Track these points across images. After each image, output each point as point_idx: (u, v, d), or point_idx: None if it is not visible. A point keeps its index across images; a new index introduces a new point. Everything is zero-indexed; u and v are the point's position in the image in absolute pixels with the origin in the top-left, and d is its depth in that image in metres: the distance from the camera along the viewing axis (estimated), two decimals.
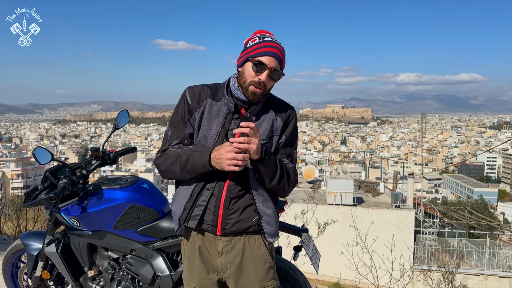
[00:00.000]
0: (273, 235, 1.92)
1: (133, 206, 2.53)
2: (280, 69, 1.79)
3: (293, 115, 1.95)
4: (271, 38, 1.80)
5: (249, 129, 1.64)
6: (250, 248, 1.90)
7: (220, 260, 1.90)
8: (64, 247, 2.72)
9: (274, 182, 1.81)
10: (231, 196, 1.83)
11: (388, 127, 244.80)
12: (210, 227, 1.86)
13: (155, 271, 2.57)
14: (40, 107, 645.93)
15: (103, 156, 2.77)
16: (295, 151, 1.97)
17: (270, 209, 1.89)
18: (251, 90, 1.77)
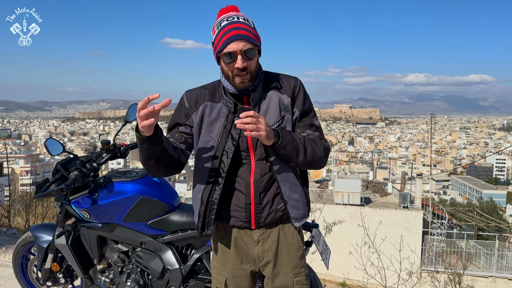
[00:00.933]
0: (299, 218, 1.86)
1: (144, 199, 2.53)
2: (253, 44, 1.67)
3: (298, 85, 1.85)
4: (227, 19, 1.69)
5: (250, 118, 1.57)
6: (285, 236, 1.89)
7: (256, 249, 1.88)
8: (74, 240, 2.72)
9: (300, 158, 1.74)
10: (260, 190, 1.80)
11: (396, 128, 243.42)
12: (244, 223, 1.84)
13: (164, 264, 2.56)
14: (49, 105, 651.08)
15: (114, 149, 2.77)
16: (315, 118, 1.87)
17: (298, 193, 1.84)
18: (237, 81, 1.70)
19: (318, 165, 1.83)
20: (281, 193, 1.81)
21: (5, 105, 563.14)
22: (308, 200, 1.94)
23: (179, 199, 2.71)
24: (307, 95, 1.87)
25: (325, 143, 1.86)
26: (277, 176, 1.78)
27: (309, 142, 1.78)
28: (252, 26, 1.71)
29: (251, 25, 1.71)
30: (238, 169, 1.81)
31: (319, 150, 1.80)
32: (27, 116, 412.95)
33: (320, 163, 1.83)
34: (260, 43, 1.75)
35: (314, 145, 1.79)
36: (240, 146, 1.80)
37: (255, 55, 1.70)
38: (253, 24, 1.73)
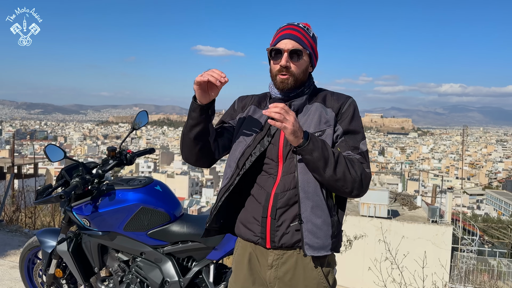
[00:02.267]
0: (315, 248, 1.63)
1: (144, 208, 2.48)
2: (303, 47, 1.67)
3: (349, 103, 1.73)
4: (289, 23, 1.72)
5: (279, 108, 1.52)
6: (303, 267, 1.69)
7: (269, 273, 1.73)
8: (75, 247, 2.70)
9: (328, 172, 1.56)
10: (278, 205, 1.67)
11: (429, 139, 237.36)
12: (260, 239, 1.71)
13: (164, 276, 2.50)
14: (84, 108, 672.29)
15: (120, 156, 2.74)
16: (363, 142, 1.70)
17: (320, 219, 1.63)
18: (279, 80, 1.69)
19: (349, 188, 1.61)
20: (300, 211, 1.63)
21: (43, 107, 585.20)
22: (336, 232, 1.68)
23: (181, 209, 2.65)
24: (357, 115, 1.73)
25: (366, 169, 1.65)
26: (300, 192, 1.63)
27: (344, 159, 1.62)
28: (310, 34, 1.71)
29: (309, 33, 1.71)
30: (263, 178, 1.73)
31: (354, 172, 1.60)
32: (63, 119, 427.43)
33: (352, 187, 1.61)
34: (312, 51, 1.73)
35: (350, 164, 1.62)
36: (269, 154, 1.72)
37: (302, 58, 1.68)
38: (313, 35, 1.74)
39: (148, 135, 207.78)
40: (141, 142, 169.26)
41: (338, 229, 1.72)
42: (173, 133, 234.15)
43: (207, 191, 59.29)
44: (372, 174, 1.70)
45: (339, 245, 1.74)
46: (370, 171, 1.68)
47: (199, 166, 1.87)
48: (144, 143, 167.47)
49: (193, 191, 65.72)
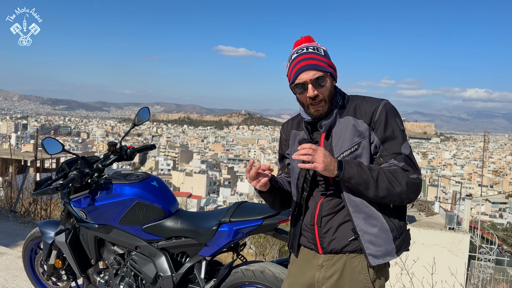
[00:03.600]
0: (380, 256, 1.67)
1: (139, 202, 2.51)
2: (323, 71, 1.69)
3: (380, 109, 1.69)
4: (297, 51, 1.73)
5: (306, 150, 1.56)
6: (351, 269, 1.72)
7: (318, 273, 1.78)
8: (73, 238, 2.76)
9: (371, 193, 1.60)
10: (323, 214, 1.74)
11: (452, 144, 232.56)
12: (312, 245, 1.80)
13: (157, 270, 2.53)
14: (107, 105, 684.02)
15: (121, 151, 2.79)
16: (404, 146, 1.67)
17: (376, 227, 1.66)
18: (312, 110, 1.72)
19: (398, 200, 1.63)
20: (353, 225, 1.68)
21: (67, 104, 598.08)
22: (397, 235, 1.70)
23: (177, 205, 2.67)
24: (391, 119, 1.69)
25: (410, 175, 1.63)
26: (349, 206, 1.68)
27: (385, 175, 1.61)
28: (322, 54, 1.72)
29: (322, 53, 1.72)
30: (317, 191, 1.80)
31: (398, 185, 1.60)
32: (87, 115, 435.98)
33: (400, 199, 1.63)
34: (332, 68, 1.74)
35: (392, 178, 1.61)
36: (318, 173, 1.77)
37: (326, 81, 1.70)
38: (324, 51, 1.74)
39: (169, 133, 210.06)
40: (162, 140, 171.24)
41: (401, 231, 1.72)
42: (193, 132, 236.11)
43: (224, 191, 59.57)
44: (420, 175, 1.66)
45: (406, 244, 1.75)
46: (417, 175, 1.65)
47: None
48: (165, 141, 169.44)
49: (210, 190, 66.09)
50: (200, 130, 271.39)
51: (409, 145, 1.69)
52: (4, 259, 4.09)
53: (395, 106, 1.74)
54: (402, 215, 1.75)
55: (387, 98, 1.76)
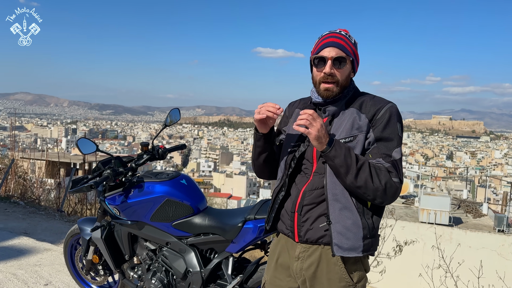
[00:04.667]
0: (345, 249, 1.67)
1: (169, 200, 2.59)
2: (346, 54, 1.71)
3: (385, 109, 1.70)
4: (331, 31, 1.76)
5: (307, 115, 1.60)
6: (327, 261, 1.74)
7: (296, 264, 1.81)
8: (108, 234, 2.88)
9: (349, 178, 1.60)
10: (304, 202, 1.75)
11: (503, 143, 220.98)
12: (289, 232, 1.82)
13: (187, 266, 2.60)
14: (151, 110, 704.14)
15: (153, 151, 2.89)
16: (395, 150, 1.67)
17: (350, 220, 1.67)
18: (322, 88, 1.73)
19: (371, 196, 1.63)
20: (328, 212, 1.69)
21: (114, 108, 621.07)
22: (370, 234, 1.70)
23: (205, 203, 2.73)
24: (393, 122, 1.70)
25: (393, 178, 1.63)
26: (328, 193, 1.69)
27: (369, 167, 1.63)
28: (352, 41, 1.75)
29: (352, 40, 1.75)
30: (300, 177, 1.83)
31: (378, 181, 1.61)
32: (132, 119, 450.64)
33: (374, 195, 1.62)
34: (355, 57, 1.77)
35: (374, 173, 1.62)
36: (307, 155, 1.81)
37: (345, 64, 1.72)
38: (355, 41, 1.77)
39: (209, 135, 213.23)
40: (203, 143, 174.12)
41: (372, 232, 1.72)
42: (233, 134, 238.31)
43: (264, 192, 59.62)
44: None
45: (374, 248, 1.74)
46: (398, 180, 1.65)
47: (272, 179, 2.01)
48: (206, 143, 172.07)
49: (250, 191, 66.43)
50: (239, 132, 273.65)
51: (401, 151, 1.70)
52: (49, 255, 4.33)
53: (400, 112, 1.76)
54: (377, 218, 1.75)
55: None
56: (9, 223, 5.64)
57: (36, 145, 61.50)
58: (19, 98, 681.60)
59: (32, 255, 4.28)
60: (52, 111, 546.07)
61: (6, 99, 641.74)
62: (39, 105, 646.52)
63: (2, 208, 6.48)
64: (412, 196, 21.38)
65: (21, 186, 9.38)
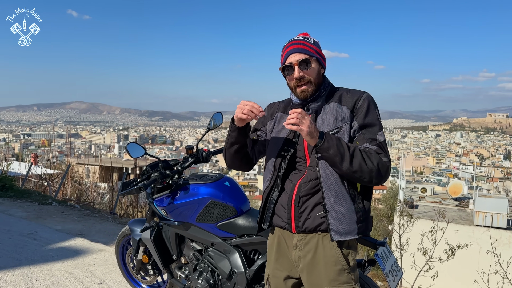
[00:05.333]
0: (342, 233, 1.83)
1: (213, 201, 2.65)
2: (308, 54, 1.85)
3: (363, 98, 1.87)
4: (290, 40, 1.92)
5: (296, 114, 1.70)
6: (323, 246, 1.88)
7: (294, 253, 1.94)
8: (157, 235, 2.99)
9: (345, 165, 1.74)
10: (301, 194, 1.87)
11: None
12: (286, 224, 1.93)
13: (232, 266, 2.64)
14: (197, 115, 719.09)
15: (197, 154, 2.97)
16: (380, 134, 1.85)
17: (344, 207, 1.82)
18: (299, 91, 1.89)
19: (367, 178, 1.78)
20: (324, 201, 1.83)
21: (162, 115, 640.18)
22: (362, 218, 1.87)
23: (248, 204, 2.77)
24: (372, 109, 1.87)
25: (382, 158, 1.80)
26: (322, 184, 1.82)
27: (360, 152, 1.78)
28: (311, 42, 1.90)
29: (311, 41, 1.90)
30: (294, 174, 1.94)
31: (370, 163, 1.77)
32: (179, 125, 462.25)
33: (370, 176, 1.78)
34: (320, 56, 1.91)
35: (365, 156, 1.78)
36: (298, 154, 1.93)
37: (311, 64, 1.87)
38: (314, 41, 1.92)
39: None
40: None
41: (364, 215, 1.89)
42: None
43: None
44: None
45: (368, 230, 1.91)
46: (387, 159, 1.82)
47: (241, 170, 2.16)
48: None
49: None
50: None
51: (384, 134, 1.86)
52: (103, 255, 4.54)
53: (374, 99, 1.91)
54: (367, 202, 1.91)
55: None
56: (66, 225, 5.97)
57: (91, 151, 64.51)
58: (74, 107, 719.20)
59: (87, 255, 4.51)
60: (105, 118, 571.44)
61: (62, 108, 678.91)
62: (93, 113, 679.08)
63: (59, 211, 6.87)
64: (466, 198, 20.41)
65: (77, 190, 9.91)
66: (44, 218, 6.31)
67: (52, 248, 4.74)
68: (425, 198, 20.02)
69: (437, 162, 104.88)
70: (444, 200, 19.63)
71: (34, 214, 6.54)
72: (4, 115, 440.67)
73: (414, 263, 5.34)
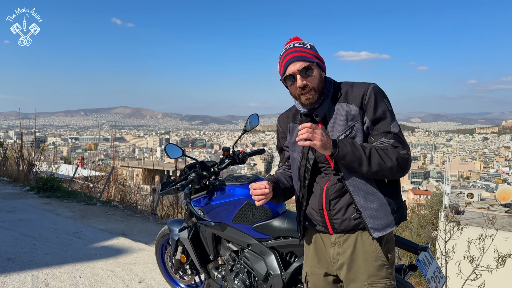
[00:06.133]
0: (381, 228, 1.82)
1: (249, 203, 2.65)
2: (308, 61, 1.82)
3: (369, 92, 1.82)
4: (285, 48, 1.87)
5: (306, 129, 1.68)
6: (362, 242, 1.89)
7: (332, 250, 1.95)
8: (194, 235, 3.03)
9: (364, 168, 1.73)
10: (330, 198, 1.88)
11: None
12: (322, 227, 1.95)
13: (268, 268, 2.63)
14: (236, 119, 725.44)
15: (233, 156, 3.00)
16: (393, 125, 1.81)
17: (376, 203, 1.82)
18: (303, 100, 1.86)
19: (390, 175, 1.78)
20: (354, 202, 1.82)
21: (202, 119, 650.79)
22: (396, 207, 1.86)
23: (284, 206, 2.75)
24: (381, 100, 1.83)
25: (400, 151, 1.77)
26: (349, 186, 1.82)
27: (377, 151, 1.75)
28: (308, 47, 1.86)
29: (307, 47, 1.86)
30: (320, 178, 1.95)
31: (389, 160, 1.74)
32: (218, 129, 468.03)
33: (392, 173, 1.77)
34: (319, 60, 1.87)
35: (383, 154, 1.75)
36: (319, 159, 1.93)
37: (313, 71, 1.83)
38: (310, 46, 1.88)
39: None
40: None
41: (398, 204, 1.87)
42: None
43: None
44: (409, 151, 1.78)
45: (404, 216, 1.90)
46: (406, 151, 1.78)
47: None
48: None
49: None
50: None
51: (397, 124, 1.81)
52: (143, 254, 4.66)
53: (382, 89, 1.85)
54: (396, 190, 1.89)
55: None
56: (109, 224, 6.18)
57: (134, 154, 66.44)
58: (119, 112, 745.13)
59: (128, 254, 4.64)
60: (147, 123, 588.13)
61: (108, 113, 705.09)
62: (136, 117, 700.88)
63: (103, 211, 7.12)
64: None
65: (121, 192, 10.24)
66: (89, 218, 6.56)
67: (95, 246, 4.92)
68: (472, 203, 19.17)
69: (484, 166, 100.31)
70: (492, 206, 18.71)
71: (79, 214, 6.82)
72: (53, 120, 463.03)
73: (460, 271, 5.13)
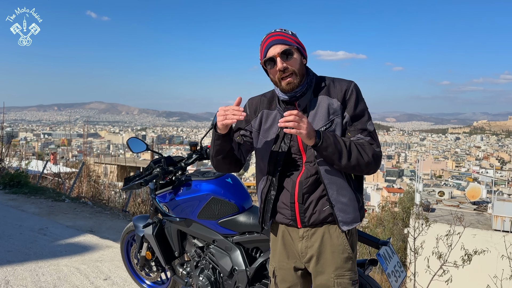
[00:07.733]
0: (349, 223, 1.87)
1: (215, 198, 2.62)
2: (288, 45, 1.80)
3: (351, 89, 1.86)
4: (267, 34, 1.86)
5: (293, 116, 1.65)
6: (330, 236, 1.91)
7: (300, 244, 1.95)
8: (159, 231, 2.97)
9: (343, 161, 1.76)
10: (303, 191, 1.87)
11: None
12: (291, 221, 1.94)
13: (233, 264, 2.61)
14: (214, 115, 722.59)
15: (201, 151, 2.96)
16: (369, 123, 1.87)
17: (346, 197, 1.86)
18: (284, 84, 1.83)
19: (365, 170, 1.83)
20: (328, 195, 1.84)
21: (179, 115, 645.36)
22: (360, 205, 1.94)
23: (251, 202, 2.73)
24: (361, 98, 1.88)
25: (375, 148, 1.83)
26: (324, 179, 1.83)
27: (355, 146, 1.79)
28: (289, 33, 1.86)
29: (289, 32, 1.86)
30: (291, 171, 1.92)
31: (366, 155, 1.79)
32: (196, 125, 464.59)
33: (367, 169, 1.82)
34: (299, 45, 1.86)
35: (361, 149, 1.80)
36: (292, 150, 1.91)
37: (292, 55, 1.82)
38: (292, 32, 1.88)
39: None
40: None
41: (362, 201, 1.94)
42: None
43: None
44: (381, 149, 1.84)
45: (363, 215, 1.96)
46: (379, 149, 1.85)
47: (231, 172, 2.15)
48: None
49: None
50: None
51: (372, 123, 1.88)
52: (110, 251, 4.56)
53: None
54: (361, 187, 1.96)
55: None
56: (77, 221, 6.03)
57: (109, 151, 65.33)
58: (93, 107, 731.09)
59: (95, 252, 4.54)
60: (123, 118, 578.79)
61: (82, 108, 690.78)
62: (112, 113, 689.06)
63: (72, 208, 6.95)
64: (484, 202, 19.94)
65: (93, 189, 10.03)
66: (56, 214, 6.39)
67: (61, 243, 4.79)
68: (443, 201, 19.65)
69: (456, 165, 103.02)
70: (462, 204, 19.24)
71: (46, 210, 6.64)
72: (25, 115, 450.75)
73: (428, 267, 5.23)
